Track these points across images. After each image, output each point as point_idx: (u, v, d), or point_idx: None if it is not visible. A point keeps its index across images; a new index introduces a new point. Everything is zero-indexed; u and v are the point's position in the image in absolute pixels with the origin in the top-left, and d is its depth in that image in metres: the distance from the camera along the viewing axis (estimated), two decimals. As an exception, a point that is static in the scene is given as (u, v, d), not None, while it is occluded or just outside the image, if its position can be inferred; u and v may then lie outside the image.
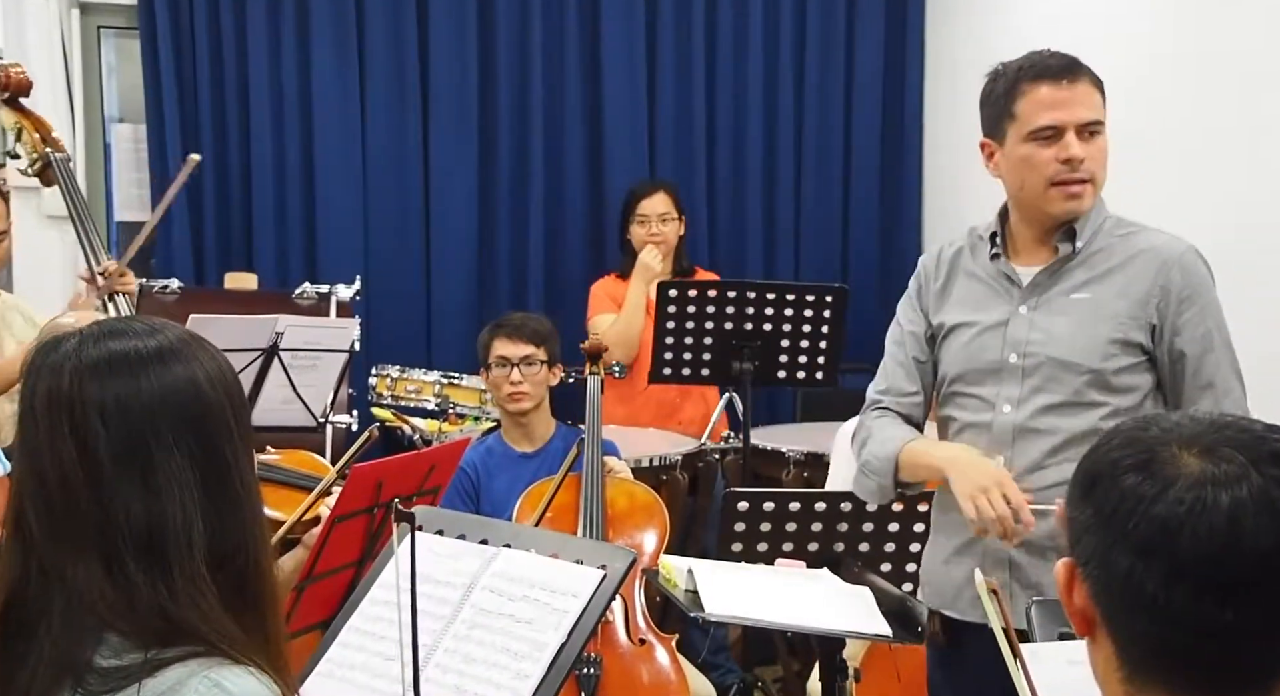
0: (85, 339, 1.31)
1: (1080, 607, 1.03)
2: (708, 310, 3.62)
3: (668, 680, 3.02)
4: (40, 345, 1.33)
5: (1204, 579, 0.94)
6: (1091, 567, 1.01)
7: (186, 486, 1.26)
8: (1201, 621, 0.95)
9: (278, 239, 4.55)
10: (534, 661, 1.52)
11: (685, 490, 3.76)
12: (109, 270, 3.19)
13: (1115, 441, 1.03)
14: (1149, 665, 0.99)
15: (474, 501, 3.37)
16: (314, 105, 4.51)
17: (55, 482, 1.26)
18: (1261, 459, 0.97)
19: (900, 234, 4.90)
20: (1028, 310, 2.16)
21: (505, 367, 3.38)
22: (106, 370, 1.28)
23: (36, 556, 1.26)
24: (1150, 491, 0.98)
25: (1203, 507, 0.95)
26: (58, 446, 1.26)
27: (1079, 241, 2.14)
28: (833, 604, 2.12)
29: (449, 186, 4.63)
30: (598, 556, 1.61)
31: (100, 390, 1.26)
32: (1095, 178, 2.11)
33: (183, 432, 1.28)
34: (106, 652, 1.22)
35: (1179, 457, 0.99)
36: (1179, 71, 3.41)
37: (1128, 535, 0.97)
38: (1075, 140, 2.07)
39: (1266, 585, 0.94)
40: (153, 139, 4.45)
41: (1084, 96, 2.08)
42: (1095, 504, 1.01)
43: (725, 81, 4.78)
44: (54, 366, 1.29)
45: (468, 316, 4.64)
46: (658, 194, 4.24)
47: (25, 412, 1.30)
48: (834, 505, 2.44)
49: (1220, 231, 2.36)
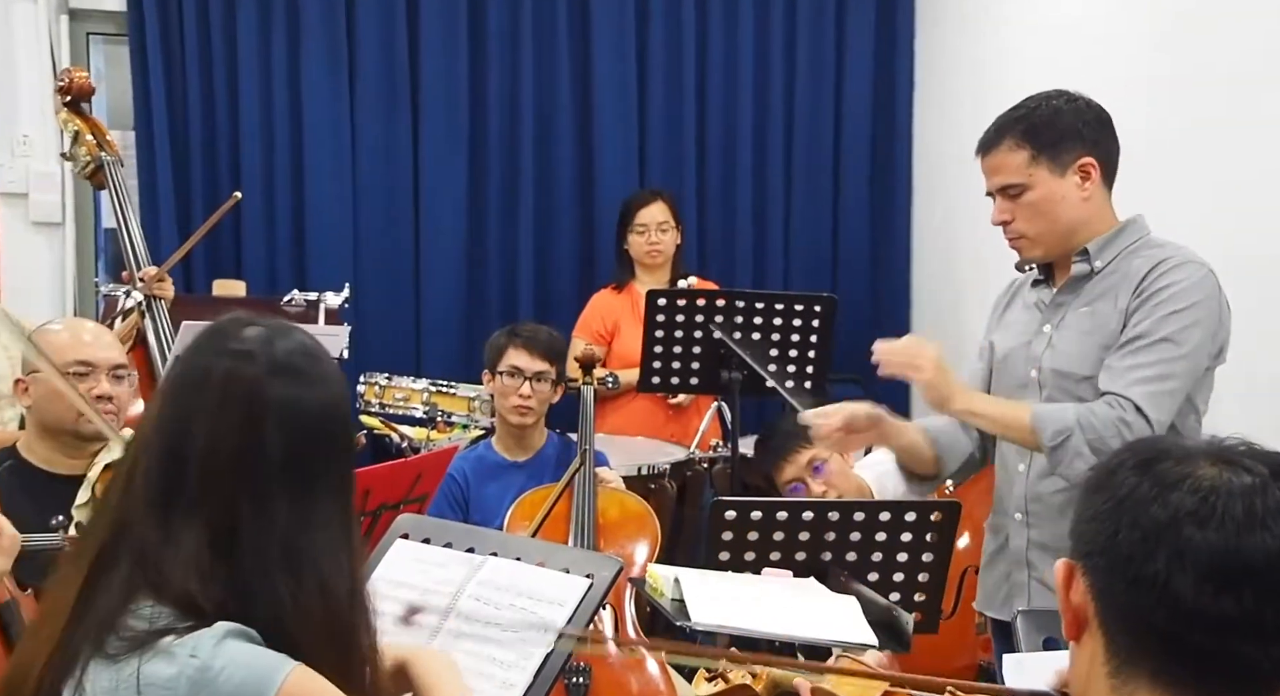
0: (273, 331, 1.31)
1: (1076, 604, 1.04)
2: (696, 319, 3.62)
3: (657, 690, 3.01)
4: (219, 324, 1.33)
5: (1206, 568, 0.96)
6: (1094, 557, 1.02)
7: (334, 504, 1.29)
8: (1197, 609, 0.96)
9: (267, 246, 4.55)
10: (520, 670, 1.51)
11: (674, 499, 3.76)
12: (149, 275, 3.24)
13: (1128, 447, 1.06)
14: (1138, 654, 0.99)
15: (463, 509, 3.36)
16: (304, 113, 4.51)
17: (197, 463, 1.26)
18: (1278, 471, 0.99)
19: (890, 244, 4.90)
20: (1050, 328, 2.33)
21: (516, 379, 3.36)
22: (295, 369, 1.28)
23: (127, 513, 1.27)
24: (1163, 484, 1.00)
25: (1216, 500, 0.97)
26: (221, 433, 1.26)
27: (1096, 262, 2.28)
28: (819, 613, 2.12)
29: (439, 194, 4.63)
30: (584, 565, 1.60)
31: (283, 391, 1.27)
32: (1026, 232, 2.29)
33: (337, 445, 1.31)
34: (140, 616, 1.24)
35: (1193, 461, 1.01)
36: (1170, 85, 3.42)
37: (1136, 523, 0.99)
38: (999, 204, 2.29)
39: (1267, 584, 0.95)
40: (142, 146, 4.45)
41: (998, 164, 2.29)
42: (1104, 496, 1.03)
43: (716, 91, 4.79)
44: (241, 353, 1.29)
45: (457, 325, 4.64)
46: (656, 203, 4.25)
47: (186, 383, 1.29)
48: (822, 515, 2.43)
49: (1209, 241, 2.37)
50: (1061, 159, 2.25)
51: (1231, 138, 3.20)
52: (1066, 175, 2.25)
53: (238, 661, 1.22)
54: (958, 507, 2.52)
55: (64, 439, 2.58)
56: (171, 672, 1.21)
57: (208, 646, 1.22)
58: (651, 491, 3.64)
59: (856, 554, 2.40)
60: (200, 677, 1.21)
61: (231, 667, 1.22)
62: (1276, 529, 0.96)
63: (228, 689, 1.21)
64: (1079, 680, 1.05)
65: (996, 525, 2.43)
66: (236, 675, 1.21)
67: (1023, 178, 2.26)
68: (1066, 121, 2.26)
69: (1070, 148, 2.25)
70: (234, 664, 1.22)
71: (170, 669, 1.22)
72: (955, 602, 2.91)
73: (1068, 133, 2.25)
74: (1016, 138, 2.26)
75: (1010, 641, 2.18)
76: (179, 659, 1.22)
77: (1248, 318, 2.38)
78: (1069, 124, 2.26)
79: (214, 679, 1.21)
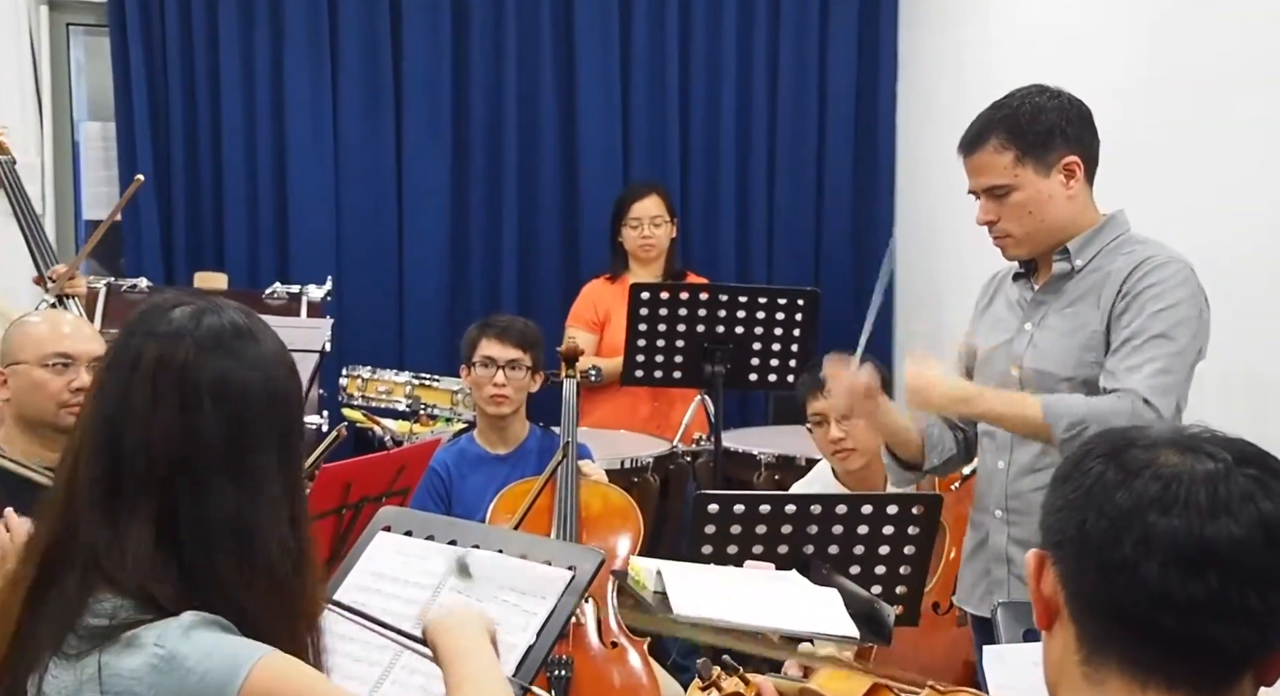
0: (201, 309, 1.29)
1: (1047, 595, 1.05)
2: (680, 313, 3.62)
3: (639, 683, 3.02)
4: (147, 306, 1.31)
5: (1172, 554, 0.97)
6: (1064, 547, 1.03)
7: (274, 482, 1.27)
8: (1165, 594, 0.97)
9: (248, 238, 4.54)
10: (502, 662, 1.51)
11: (657, 492, 3.76)
12: (58, 273, 3.19)
13: (1096, 437, 1.07)
14: (1109, 641, 1.01)
15: (445, 502, 3.35)
16: (286, 103, 4.50)
17: (135, 453, 1.24)
18: (1242, 458, 1.01)
19: (873, 237, 4.91)
20: (1031, 326, 2.34)
21: (490, 368, 3.36)
22: (225, 345, 1.27)
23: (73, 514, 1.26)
24: (1128, 472, 1.01)
25: (1179, 487, 0.99)
26: (155, 419, 1.24)
27: (1077, 260, 2.29)
28: (801, 606, 2.13)
29: (422, 186, 4.62)
30: (566, 557, 1.61)
31: (216, 368, 1.25)
32: (1012, 232, 2.29)
33: (273, 425, 1.28)
34: (99, 613, 1.23)
35: (1158, 449, 1.02)
36: (1152, 84, 3.43)
37: (1103, 511, 1.00)
38: (983, 204, 2.29)
39: (1231, 568, 0.97)
40: (122, 137, 4.43)
41: (983, 165, 2.28)
42: (1072, 485, 1.04)
43: (699, 85, 4.79)
44: (168, 334, 1.27)
45: (440, 317, 4.64)
46: (650, 197, 4.24)
47: (115, 374, 1.27)
48: (804, 508, 2.43)
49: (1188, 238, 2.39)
50: (1047, 159, 2.25)
51: (1211, 136, 3.21)
52: (1051, 175, 2.26)
53: (205, 649, 1.21)
54: (939, 501, 2.53)
55: (44, 432, 2.56)
56: (137, 663, 1.20)
57: (174, 635, 1.21)
58: (634, 484, 3.64)
59: (838, 546, 2.41)
60: (167, 667, 1.20)
61: (199, 656, 1.20)
62: (1240, 514, 0.98)
63: (195, 678, 1.20)
64: (1051, 669, 1.06)
65: (977, 521, 2.45)
66: (204, 663, 1.20)
67: (1009, 179, 2.26)
68: (1050, 120, 2.26)
69: (1055, 147, 2.25)
70: (201, 652, 1.21)
71: (135, 660, 1.20)
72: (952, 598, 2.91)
73: (1052, 132, 2.25)
74: (1001, 138, 2.25)
75: (989, 636, 2.19)
76: (145, 649, 1.20)
77: (1227, 315, 2.39)
78: (1053, 122, 2.26)
79: (182, 667, 1.19)
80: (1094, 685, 1.01)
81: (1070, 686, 1.03)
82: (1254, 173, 3.06)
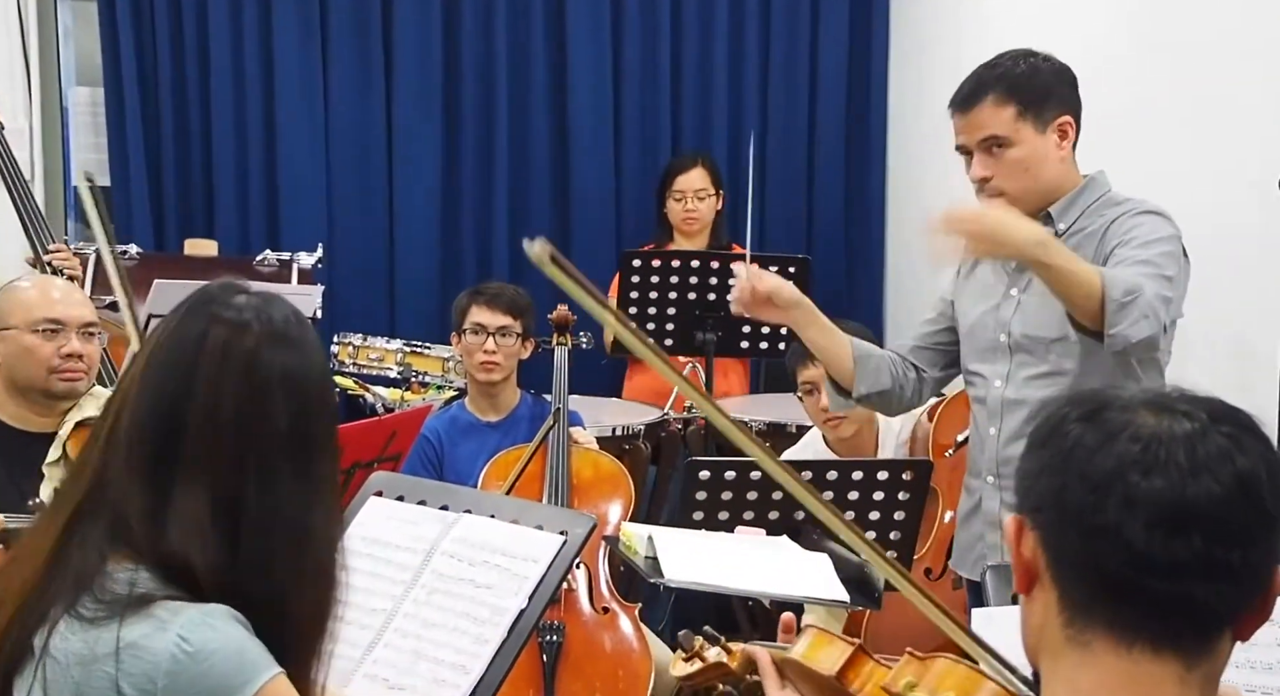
0: (266, 300, 1.29)
1: (1027, 559, 1.05)
2: (671, 281, 3.62)
3: (630, 648, 3.04)
4: (206, 291, 1.31)
5: (1155, 515, 0.98)
6: (1044, 512, 1.03)
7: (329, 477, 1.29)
8: (1149, 555, 0.98)
9: (239, 205, 4.52)
10: (494, 626, 1.52)
11: (648, 460, 3.77)
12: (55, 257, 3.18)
13: (1070, 399, 1.07)
14: (1093, 603, 1.01)
15: (437, 469, 3.36)
16: (275, 68, 4.47)
17: (198, 424, 1.24)
18: (1216, 416, 1.01)
19: (865, 205, 4.90)
20: (1017, 292, 2.33)
21: (480, 335, 3.36)
22: (292, 337, 1.28)
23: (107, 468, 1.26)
24: (1106, 434, 1.01)
25: (1159, 448, 0.99)
26: (221, 396, 1.24)
27: (1060, 224, 2.27)
28: (792, 570, 2.14)
29: (412, 153, 4.60)
30: (558, 522, 1.61)
31: (284, 359, 1.27)
32: (1006, 189, 2.25)
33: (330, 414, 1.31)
34: (118, 579, 1.22)
35: (1134, 410, 1.02)
36: (1138, 49, 3.42)
37: (1084, 475, 1.00)
38: (978, 159, 2.26)
39: (1212, 527, 0.97)
40: (111, 103, 4.40)
41: (982, 119, 2.25)
42: (1050, 450, 1.04)
43: (691, 54, 4.76)
44: (236, 322, 1.27)
45: (431, 285, 4.63)
46: (695, 169, 4.17)
47: (183, 347, 1.27)
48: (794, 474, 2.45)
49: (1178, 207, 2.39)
50: (1044, 117, 2.25)
51: (1194, 105, 3.21)
52: (1047, 134, 2.26)
53: (226, 651, 1.20)
54: (929, 466, 2.55)
55: (34, 397, 2.56)
56: (155, 647, 1.19)
57: (199, 626, 1.20)
58: (626, 452, 3.65)
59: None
60: (189, 660, 1.18)
61: (222, 653, 1.19)
62: (1219, 472, 0.98)
63: (209, 677, 1.19)
64: (1031, 633, 1.06)
65: (970, 487, 2.45)
66: (220, 665, 1.19)
67: (1009, 131, 2.23)
68: (1046, 80, 2.26)
69: (1051, 106, 2.25)
70: (224, 649, 1.19)
71: (154, 642, 1.19)
72: (945, 563, 2.93)
73: (1049, 91, 2.25)
74: (1001, 93, 2.24)
75: (982, 600, 2.20)
76: (167, 634, 1.19)
77: (1211, 283, 2.40)
78: (1049, 82, 2.26)
79: (203, 663, 1.18)
80: (1078, 648, 1.01)
81: (1053, 650, 1.03)
82: (1237, 141, 3.06)
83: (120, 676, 1.18)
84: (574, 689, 2.92)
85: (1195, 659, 1.00)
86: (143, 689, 1.18)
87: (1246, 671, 1.52)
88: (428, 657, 1.53)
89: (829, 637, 1.34)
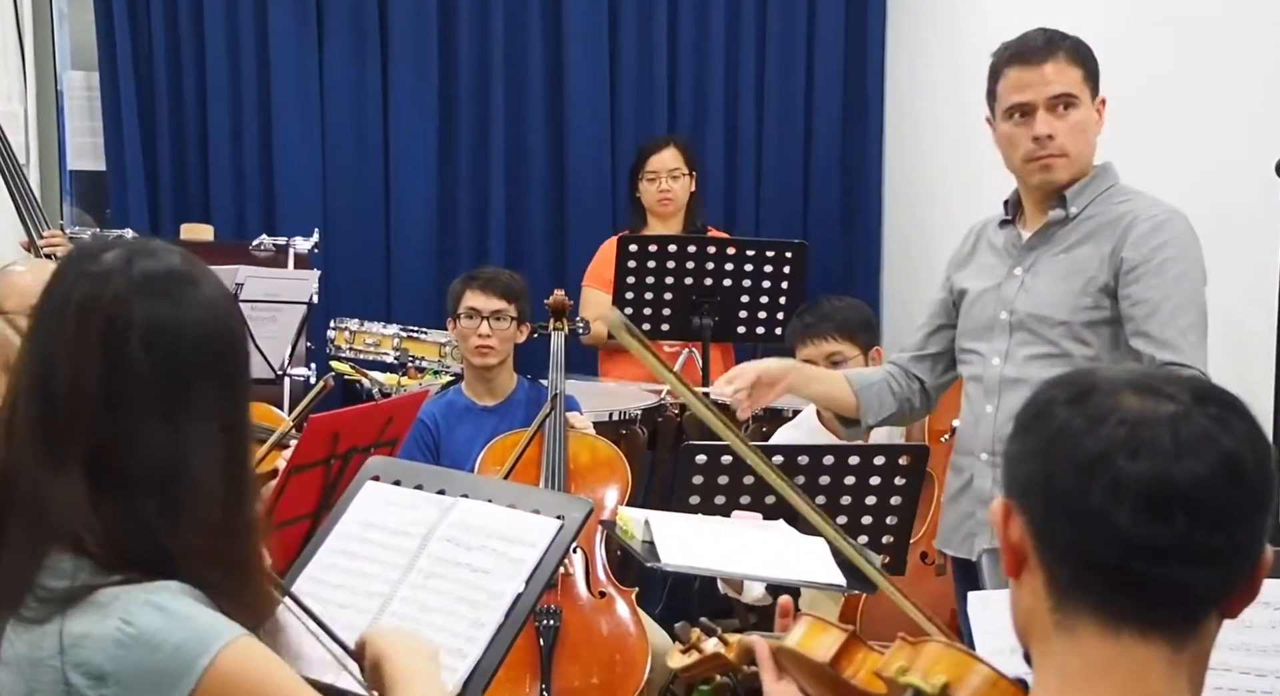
0: (133, 252, 1.25)
1: (1015, 543, 1.05)
2: (668, 265, 3.61)
3: (627, 632, 3.04)
4: (77, 249, 1.27)
5: (1141, 498, 0.97)
6: (1031, 496, 1.03)
7: (210, 428, 1.23)
8: (1134, 538, 0.98)
9: (235, 190, 4.51)
10: (491, 610, 1.52)
11: (645, 444, 3.77)
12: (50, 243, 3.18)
13: (1057, 382, 1.07)
14: (1079, 587, 1.01)
15: (434, 454, 3.36)
16: (271, 52, 4.45)
17: (65, 394, 1.20)
18: (1201, 397, 1.01)
19: (861, 191, 4.90)
20: (1021, 271, 2.34)
21: (474, 320, 3.36)
22: (159, 288, 1.22)
23: (13, 462, 1.22)
24: (1091, 419, 1.01)
25: (1144, 430, 0.99)
26: (83, 359, 1.20)
27: (1072, 207, 2.29)
28: (788, 554, 2.14)
29: (409, 137, 4.59)
30: (555, 507, 1.61)
31: (148, 309, 1.21)
32: (1069, 150, 2.25)
33: (212, 371, 1.24)
34: (59, 573, 1.19)
35: (1119, 393, 1.02)
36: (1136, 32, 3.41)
37: (1070, 459, 1.00)
38: (1044, 117, 2.23)
39: (1198, 509, 0.97)
40: (106, 87, 4.38)
41: (1054, 73, 2.22)
42: (1037, 434, 1.04)
43: (688, 38, 4.75)
44: (98, 275, 1.23)
45: (428, 270, 4.62)
46: (668, 149, 4.13)
47: (47, 314, 1.24)
48: (791, 458, 2.45)
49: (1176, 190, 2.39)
50: (1095, 89, 2.28)
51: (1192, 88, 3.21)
52: (1094, 106, 2.28)
53: (175, 623, 1.17)
54: (926, 451, 2.55)
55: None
56: (98, 634, 1.16)
57: (140, 609, 1.17)
58: (623, 437, 3.65)
59: (826, 497, 2.42)
60: (132, 642, 1.16)
61: (167, 630, 1.16)
62: (1204, 454, 0.98)
63: (162, 654, 1.16)
64: (1021, 616, 1.06)
65: (960, 464, 2.46)
66: (173, 638, 1.16)
67: (1079, 91, 2.24)
68: (1090, 54, 2.29)
69: (1097, 82, 2.28)
70: (171, 626, 1.17)
71: (97, 630, 1.16)
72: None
73: (1098, 67, 2.28)
74: (1070, 54, 2.25)
75: (970, 579, 2.20)
76: (109, 620, 1.16)
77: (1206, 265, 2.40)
78: (1093, 58, 2.29)
79: (147, 644, 1.16)
80: (1065, 632, 1.01)
81: (1042, 634, 1.03)
82: (1233, 127, 3.06)
83: (67, 669, 1.16)
84: (571, 673, 2.93)
85: (1183, 640, 1.00)
86: (95, 677, 1.16)
87: (1241, 653, 1.52)
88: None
89: (823, 625, 1.35)
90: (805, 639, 1.35)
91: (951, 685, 1.10)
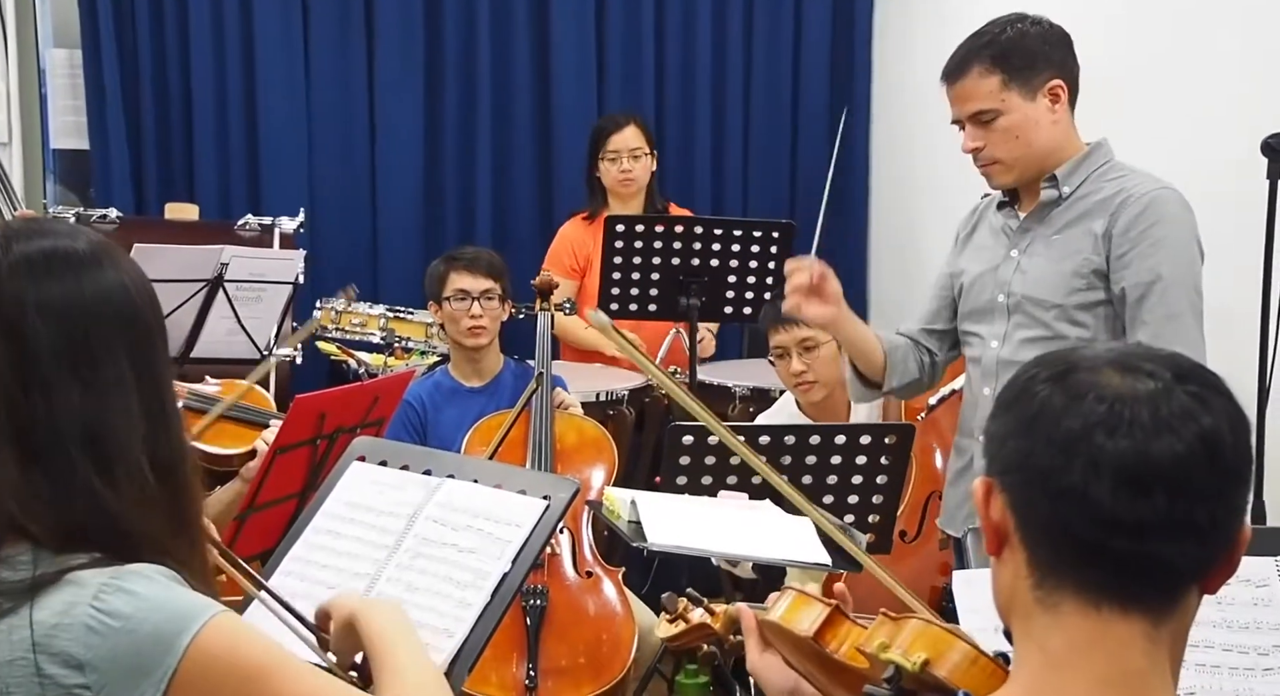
0: (12, 236, 1.25)
1: (996, 521, 1.05)
2: (655, 245, 3.61)
3: (613, 612, 3.06)
4: None
5: (1121, 475, 0.98)
6: (1012, 474, 1.04)
7: (127, 390, 1.23)
8: (1115, 515, 0.98)
9: (220, 169, 4.48)
10: (477, 589, 1.52)
11: (632, 425, 3.78)
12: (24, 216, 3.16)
13: (1038, 361, 1.07)
14: (1061, 565, 1.01)
15: (421, 435, 3.36)
16: (256, 30, 4.42)
17: None
18: (1181, 374, 1.02)
19: (848, 170, 4.89)
20: (1017, 253, 2.35)
21: (465, 301, 3.35)
22: (43, 269, 1.23)
23: None
24: (1071, 396, 1.01)
25: (1123, 408, 0.99)
26: None
27: (1064, 187, 2.30)
28: (774, 534, 2.14)
29: (395, 117, 4.57)
30: (542, 487, 1.61)
31: (38, 288, 1.22)
32: (1000, 157, 2.29)
33: (120, 336, 1.24)
34: (18, 565, 1.18)
35: (1099, 371, 1.02)
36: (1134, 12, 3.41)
37: (1050, 437, 1.01)
38: (970, 131, 2.29)
39: (1177, 485, 0.98)
40: (89, 65, 4.35)
41: (968, 91, 2.28)
42: (1017, 412, 1.04)
43: (674, 16, 4.74)
44: None
45: (414, 250, 4.60)
46: (628, 128, 4.09)
47: None
48: (778, 438, 2.45)
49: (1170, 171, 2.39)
50: (1032, 83, 2.26)
51: (1187, 69, 3.21)
52: (1037, 99, 2.27)
53: (150, 604, 1.16)
54: (912, 431, 2.55)
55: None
56: (70, 622, 1.15)
57: (111, 593, 1.16)
58: (610, 417, 3.65)
59: (812, 476, 2.43)
60: (105, 628, 1.14)
61: (143, 612, 1.15)
62: (1182, 431, 0.98)
63: (138, 637, 1.15)
64: (1002, 595, 1.07)
65: (961, 446, 2.47)
66: (149, 620, 1.15)
67: (995, 103, 2.26)
68: (1033, 44, 2.26)
69: (1040, 71, 2.26)
70: (146, 607, 1.16)
71: (69, 618, 1.15)
72: (919, 526, 2.95)
73: (1036, 56, 2.26)
74: (986, 63, 2.25)
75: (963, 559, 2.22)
76: (79, 608, 1.15)
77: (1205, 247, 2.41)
78: (1036, 47, 2.26)
79: (122, 629, 1.14)
80: (1047, 609, 1.02)
81: (1023, 611, 1.04)
82: (1230, 106, 3.06)
83: (40, 660, 1.14)
84: (557, 652, 2.94)
85: (1163, 616, 1.01)
86: (71, 666, 1.14)
87: (1223, 630, 1.53)
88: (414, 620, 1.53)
89: (807, 599, 1.35)
90: (789, 613, 1.35)
91: (932, 661, 1.10)
